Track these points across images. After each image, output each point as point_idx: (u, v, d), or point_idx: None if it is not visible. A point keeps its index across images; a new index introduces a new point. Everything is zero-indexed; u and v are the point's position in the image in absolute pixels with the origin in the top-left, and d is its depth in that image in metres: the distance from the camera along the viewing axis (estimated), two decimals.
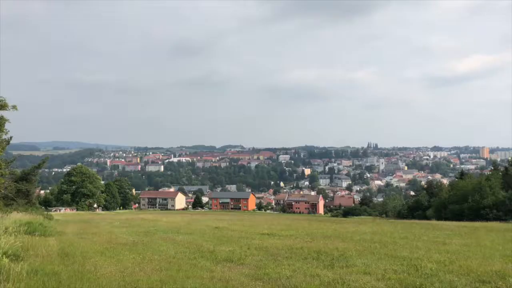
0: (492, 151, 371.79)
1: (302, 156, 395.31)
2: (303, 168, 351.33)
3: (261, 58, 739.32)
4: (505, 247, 16.24)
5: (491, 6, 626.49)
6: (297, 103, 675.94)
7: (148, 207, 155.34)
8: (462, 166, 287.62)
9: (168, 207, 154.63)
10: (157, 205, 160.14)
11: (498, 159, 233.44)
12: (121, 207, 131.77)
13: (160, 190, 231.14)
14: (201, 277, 10.08)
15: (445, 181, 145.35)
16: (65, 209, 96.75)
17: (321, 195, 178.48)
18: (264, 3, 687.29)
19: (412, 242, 17.75)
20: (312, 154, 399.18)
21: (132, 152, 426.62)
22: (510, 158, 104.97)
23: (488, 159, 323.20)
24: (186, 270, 10.93)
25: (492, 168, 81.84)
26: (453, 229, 26.07)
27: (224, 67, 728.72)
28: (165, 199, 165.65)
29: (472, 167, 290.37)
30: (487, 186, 55.32)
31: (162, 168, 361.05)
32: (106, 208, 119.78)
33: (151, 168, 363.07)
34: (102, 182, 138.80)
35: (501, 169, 73.49)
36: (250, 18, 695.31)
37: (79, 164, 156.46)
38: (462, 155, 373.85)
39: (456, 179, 77.63)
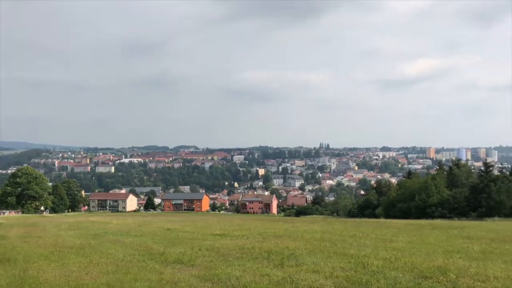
0: (437, 151, 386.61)
1: (256, 156, 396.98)
2: (257, 169, 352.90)
3: (216, 58, 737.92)
4: (448, 244, 16.92)
5: (437, 11, 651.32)
6: (251, 104, 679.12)
7: (98, 209, 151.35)
8: (410, 166, 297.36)
9: (119, 209, 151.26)
10: (107, 207, 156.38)
11: (443, 159, 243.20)
12: (70, 210, 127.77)
13: (110, 191, 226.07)
14: (149, 280, 9.92)
15: (394, 180, 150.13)
16: (9, 212, 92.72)
17: (274, 195, 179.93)
18: (218, 3, 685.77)
19: (360, 240, 18.17)
20: (266, 154, 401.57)
21: (82, 153, 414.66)
22: (454, 158, 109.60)
23: (434, 159, 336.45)
24: (134, 273, 10.72)
25: (438, 167, 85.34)
26: (400, 227, 26.92)
27: (178, 66, 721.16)
28: (116, 200, 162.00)
29: (419, 166, 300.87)
30: (433, 185, 57.50)
31: (113, 169, 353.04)
32: (54, 210, 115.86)
33: (101, 169, 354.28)
34: (50, 183, 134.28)
35: (446, 169, 76.67)
36: (204, 18, 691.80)
37: (25, 165, 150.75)
38: (409, 155, 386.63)
39: (404, 179, 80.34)
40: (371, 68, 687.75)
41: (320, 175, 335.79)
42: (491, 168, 61.09)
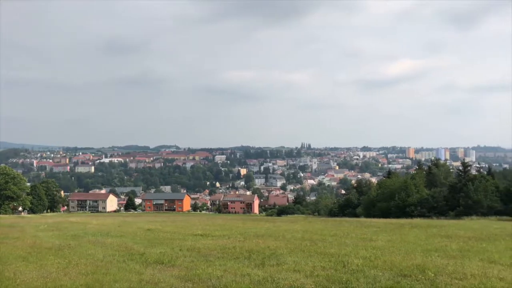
0: (417, 151, 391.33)
1: (238, 156, 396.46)
2: (239, 168, 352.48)
3: (198, 58, 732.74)
4: (426, 242, 17.17)
5: (417, 13, 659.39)
6: (233, 104, 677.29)
7: (78, 210, 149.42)
8: (390, 165, 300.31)
9: (99, 210, 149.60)
10: (87, 207, 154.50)
11: (423, 159, 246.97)
12: (49, 210, 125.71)
13: (90, 191, 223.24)
14: (129, 280, 9.85)
15: (374, 180, 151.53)
16: None
17: (256, 195, 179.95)
18: (201, 3, 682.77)
19: (341, 239, 18.32)
20: (248, 154, 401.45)
21: (61, 153, 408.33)
22: (433, 158, 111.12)
23: (414, 159, 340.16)
24: (114, 274, 10.63)
25: (417, 167, 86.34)
26: (380, 226, 27.18)
27: (160, 66, 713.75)
28: (96, 201, 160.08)
29: (399, 166, 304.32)
30: (412, 185, 58.22)
31: (92, 169, 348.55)
32: (32, 211, 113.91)
33: (81, 169, 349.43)
34: (28, 183, 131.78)
35: (425, 169, 77.76)
36: (187, 17, 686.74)
37: (2, 165, 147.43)
38: (389, 155, 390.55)
39: (384, 178, 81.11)
40: (352, 69, 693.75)
41: (302, 174, 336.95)
42: (469, 168, 62.14)
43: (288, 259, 12.44)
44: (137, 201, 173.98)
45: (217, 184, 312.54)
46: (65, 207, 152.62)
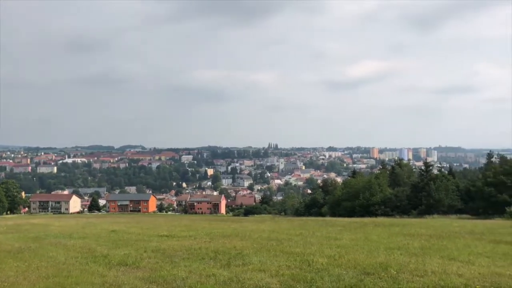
0: (381, 151, 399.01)
1: (205, 156, 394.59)
2: (206, 169, 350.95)
3: (164, 57, 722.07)
4: (389, 241, 17.52)
5: (381, 15, 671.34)
6: (200, 104, 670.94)
7: (40, 211, 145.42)
8: (355, 165, 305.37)
9: (62, 211, 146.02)
10: (49, 208, 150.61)
11: (386, 159, 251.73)
12: (9, 212, 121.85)
13: (53, 192, 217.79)
14: (92, 283, 9.66)
15: (339, 179, 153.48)
16: None
17: (223, 195, 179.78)
18: (166, 1, 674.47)
19: (306, 238, 18.48)
20: (215, 154, 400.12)
21: (22, 153, 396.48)
22: (396, 158, 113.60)
23: (378, 159, 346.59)
24: (76, 276, 10.40)
25: (381, 167, 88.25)
26: (344, 225, 27.56)
27: (125, 65, 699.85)
28: (59, 202, 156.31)
29: (363, 166, 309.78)
30: (376, 184, 59.37)
31: (55, 170, 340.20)
32: None
33: (43, 169, 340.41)
34: None
35: (389, 168, 79.48)
36: (152, 16, 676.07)
37: None
38: (354, 155, 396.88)
39: (349, 178, 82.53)
40: (317, 70, 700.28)
41: (269, 174, 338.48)
42: (430, 168, 63.85)
43: (254, 259, 12.46)
44: (101, 202, 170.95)
45: (184, 185, 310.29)
46: (26, 209, 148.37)
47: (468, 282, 9.21)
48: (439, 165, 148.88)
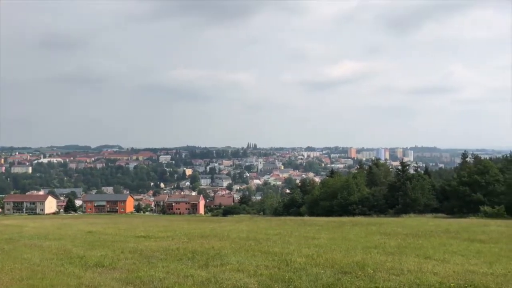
0: (358, 151, 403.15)
1: (183, 156, 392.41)
2: (184, 169, 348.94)
3: (142, 56, 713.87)
4: (366, 240, 17.71)
5: (358, 17, 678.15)
6: (179, 103, 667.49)
7: (14, 212, 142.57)
8: (333, 165, 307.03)
9: (37, 212, 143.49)
10: (24, 209, 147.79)
11: (364, 159, 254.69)
12: None
13: (27, 193, 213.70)
14: (67, 285, 9.50)
15: (317, 179, 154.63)
16: None
17: (201, 195, 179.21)
18: (146, 0, 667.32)
19: (284, 238, 18.53)
20: (193, 154, 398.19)
21: None
22: (373, 158, 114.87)
23: (355, 158, 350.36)
24: (51, 278, 10.21)
25: (358, 167, 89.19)
26: (322, 224, 27.74)
27: (102, 63, 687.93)
28: (34, 203, 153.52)
29: (341, 166, 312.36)
30: (353, 184, 59.96)
31: (30, 170, 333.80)
32: None
33: (17, 169, 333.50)
34: None
35: (366, 168, 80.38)
36: (130, 14, 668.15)
37: None
38: (332, 155, 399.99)
39: (327, 178, 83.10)
40: (297, 70, 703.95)
41: (248, 174, 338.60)
42: (407, 167, 64.74)
43: (232, 259, 12.44)
44: (78, 202, 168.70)
45: (162, 185, 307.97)
46: (0, 210, 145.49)
47: (443, 280, 9.36)
48: (415, 165, 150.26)
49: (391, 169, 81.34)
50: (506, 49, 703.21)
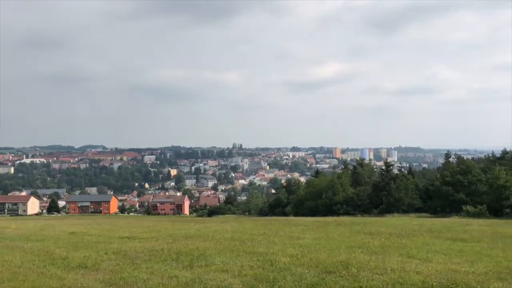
0: (343, 151, 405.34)
1: (168, 156, 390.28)
2: (169, 169, 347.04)
3: (126, 55, 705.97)
4: (350, 239, 17.83)
5: (343, 18, 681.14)
6: (163, 103, 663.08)
7: None
8: (318, 165, 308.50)
9: (19, 213, 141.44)
10: (5, 210, 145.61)
11: (348, 159, 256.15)
12: None
13: (9, 194, 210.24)
14: (49, 286, 9.42)
15: (303, 179, 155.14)
16: None
17: (186, 196, 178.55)
18: None
19: (269, 238, 18.57)
20: (178, 154, 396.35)
21: None
22: (358, 158, 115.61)
23: (340, 158, 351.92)
24: (33, 280, 10.09)
25: (343, 167, 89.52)
26: (307, 224, 27.85)
27: (86, 63, 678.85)
28: (16, 204, 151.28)
29: (326, 166, 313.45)
30: (338, 184, 60.14)
31: (12, 170, 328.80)
32: None
33: None
34: None
35: (351, 168, 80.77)
36: (115, 13, 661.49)
37: None
38: (317, 155, 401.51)
39: (312, 178, 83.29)
40: (282, 70, 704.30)
41: (233, 175, 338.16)
42: (391, 168, 65.23)
43: (216, 260, 12.42)
44: (61, 203, 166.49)
45: (146, 185, 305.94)
46: None
47: (426, 279, 9.47)
48: (399, 165, 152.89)
49: (375, 169, 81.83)
50: (489, 51, 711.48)
